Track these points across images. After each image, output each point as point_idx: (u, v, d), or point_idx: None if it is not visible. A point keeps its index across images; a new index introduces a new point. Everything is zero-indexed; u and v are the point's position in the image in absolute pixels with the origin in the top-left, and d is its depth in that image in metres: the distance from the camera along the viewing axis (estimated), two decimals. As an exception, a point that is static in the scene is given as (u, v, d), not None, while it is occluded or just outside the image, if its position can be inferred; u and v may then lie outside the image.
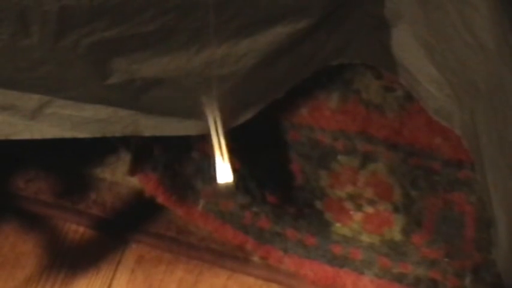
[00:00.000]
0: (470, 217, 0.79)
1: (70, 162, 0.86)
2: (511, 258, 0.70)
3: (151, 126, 0.75)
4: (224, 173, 0.70)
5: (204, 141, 0.81)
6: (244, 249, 0.80)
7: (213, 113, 0.71)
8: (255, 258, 0.80)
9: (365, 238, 0.79)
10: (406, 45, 0.75)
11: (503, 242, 0.71)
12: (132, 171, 0.84)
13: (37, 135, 0.70)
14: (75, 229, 0.83)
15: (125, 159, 0.85)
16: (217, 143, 0.70)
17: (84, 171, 0.85)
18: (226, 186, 0.72)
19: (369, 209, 0.81)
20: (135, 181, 0.84)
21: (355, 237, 0.79)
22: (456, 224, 0.79)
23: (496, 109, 0.64)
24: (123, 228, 0.82)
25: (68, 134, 0.71)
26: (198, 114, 0.74)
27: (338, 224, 0.80)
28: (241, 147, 0.83)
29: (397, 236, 0.79)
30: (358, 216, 0.80)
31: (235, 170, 0.82)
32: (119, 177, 0.85)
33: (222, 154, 0.70)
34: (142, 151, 0.84)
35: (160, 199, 0.82)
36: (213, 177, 0.82)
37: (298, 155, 0.84)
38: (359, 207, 0.81)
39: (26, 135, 0.70)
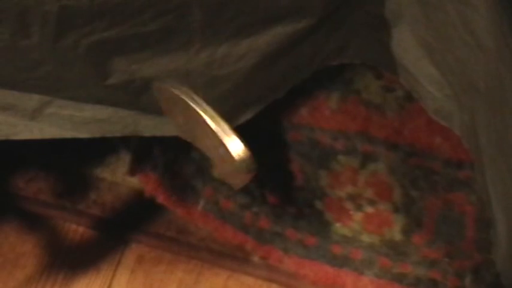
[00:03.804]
0: (470, 217, 0.79)
1: (70, 162, 0.86)
2: (509, 258, 0.70)
3: (151, 126, 0.75)
4: (236, 146, 0.63)
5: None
6: (244, 249, 0.80)
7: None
8: (255, 258, 0.80)
9: (365, 238, 0.79)
10: (406, 46, 0.75)
11: (502, 243, 0.71)
12: (132, 171, 0.84)
13: (37, 136, 0.70)
14: (75, 229, 0.83)
15: (125, 159, 0.85)
16: (213, 121, 0.63)
17: (84, 171, 0.85)
18: (245, 159, 0.63)
19: (369, 209, 0.81)
20: (135, 181, 0.84)
21: (355, 237, 0.79)
22: (456, 224, 0.79)
23: (496, 109, 0.64)
24: (123, 228, 0.82)
25: (68, 134, 0.71)
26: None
27: (338, 224, 0.80)
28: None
29: (397, 236, 0.79)
30: (358, 216, 0.80)
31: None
32: (118, 177, 0.85)
33: (224, 130, 0.63)
34: (142, 151, 0.84)
35: (160, 199, 0.82)
36: (213, 177, 0.83)
37: (298, 155, 0.84)
38: (359, 207, 0.81)
39: (26, 136, 0.70)
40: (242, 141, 0.63)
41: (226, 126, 0.63)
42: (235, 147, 0.63)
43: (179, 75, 0.69)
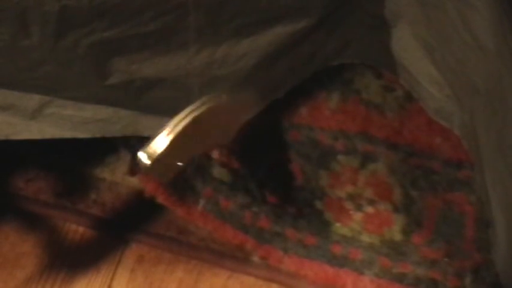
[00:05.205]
0: (470, 217, 0.79)
1: (70, 162, 0.86)
2: (509, 259, 0.70)
3: (152, 126, 0.75)
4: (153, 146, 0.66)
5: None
6: (244, 249, 0.80)
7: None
8: (255, 258, 0.80)
9: (365, 238, 0.79)
10: (406, 46, 0.75)
11: (502, 243, 0.71)
12: (132, 171, 0.84)
13: (37, 135, 0.70)
14: (75, 229, 0.83)
15: (125, 159, 0.85)
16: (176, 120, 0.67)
17: (84, 171, 0.85)
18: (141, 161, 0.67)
19: (369, 209, 0.81)
20: (135, 181, 0.84)
21: (355, 237, 0.79)
22: (456, 224, 0.79)
23: (495, 110, 0.64)
24: (123, 228, 0.82)
25: (68, 134, 0.71)
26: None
27: (338, 224, 0.80)
28: (241, 147, 0.83)
29: (397, 236, 0.79)
30: (358, 216, 0.80)
31: (234, 170, 0.82)
32: (118, 177, 0.85)
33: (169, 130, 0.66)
34: (143, 151, 0.84)
35: (160, 199, 0.82)
36: (213, 177, 0.83)
37: (298, 155, 0.84)
38: (359, 207, 0.81)
39: (26, 135, 0.70)
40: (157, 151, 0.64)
41: (175, 131, 0.65)
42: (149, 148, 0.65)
43: (179, 75, 0.69)
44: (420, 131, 0.83)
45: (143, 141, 0.80)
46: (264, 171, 0.83)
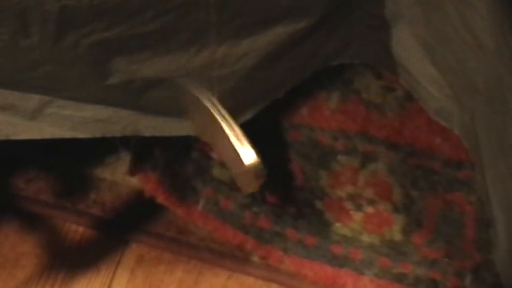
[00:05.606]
0: (470, 217, 0.79)
1: (70, 162, 0.86)
2: (509, 258, 0.70)
3: (151, 126, 0.75)
4: (247, 154, 0.68)
5: (204, 141, 0.82)
6: (244, 249, 0.80)
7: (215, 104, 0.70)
8: (255, 258, 0.80)
9: (365, 238, 0.79)
10: (406, 46, 0.75)
11: (502, 243, 0.71)
12: (132, 171, 0.84)
13: (37, 135, 0.70)
14: (75, 229, 0.83)
15: (125, 159, 0.85)
16: (228, 127, 0.68)
17: (84, 171, 0.85)
18: (255, 167, 0.68)
19: (369, 209, 0.81)
20: (135, 181, 0.84)
21: (355, 237, 0.79)
22: (456, 224, 0.79)
23: (495, 110, 0.64)
24: (123, 228, 0.82)
25: (68, 134, 0.71)
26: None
27: (338, 224, 0.80)
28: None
29: (397, 236, 0.79)
30: (358, 216, 0.80)
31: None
32: (118, 177, 0.85)
33: (237, 137, 0.68)
34: (142, 151, 0.84)
35: (160, 199, 0.82)
36: (213, 177, 0.83)
37: (298, 155, 0.84)
38: (359, 207, 0.81)
39: (26, 135, 0.70)
40: (254, 149, 0.66)
41: (240, 132, 0.66)
42: (247, 155, 0.66)
43: (179, 75, 0.69)
44: (420, 131, 0.83)
45: (143, 141, 0.80)
46: (264, 171, 0.83)
